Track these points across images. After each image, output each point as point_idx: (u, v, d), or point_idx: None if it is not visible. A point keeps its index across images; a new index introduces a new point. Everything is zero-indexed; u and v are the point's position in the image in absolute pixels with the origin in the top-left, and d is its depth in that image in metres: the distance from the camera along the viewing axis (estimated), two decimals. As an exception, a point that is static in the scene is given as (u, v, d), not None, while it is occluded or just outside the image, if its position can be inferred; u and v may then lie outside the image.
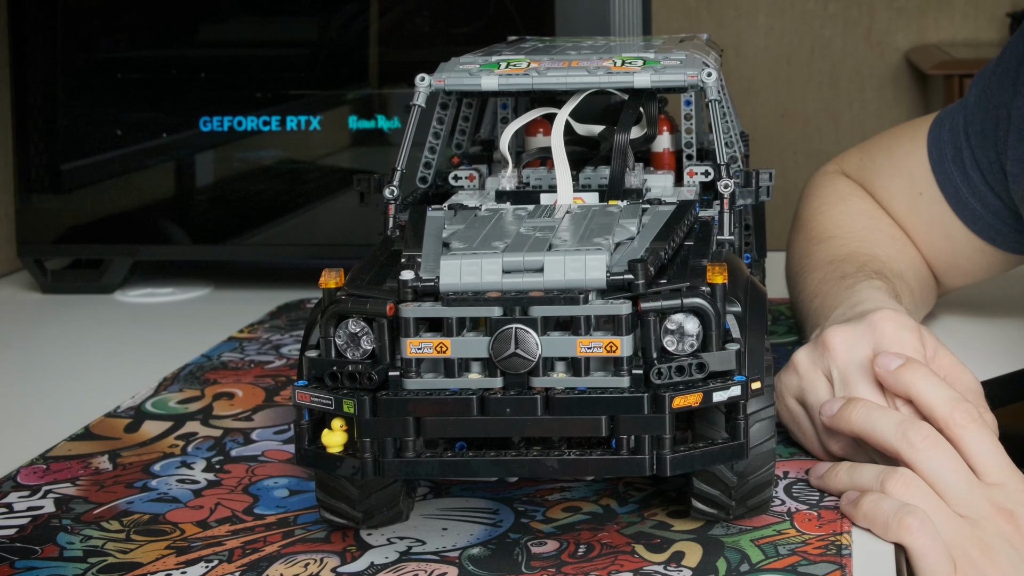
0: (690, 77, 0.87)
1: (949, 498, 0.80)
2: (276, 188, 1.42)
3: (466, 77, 0.89)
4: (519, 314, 0.72)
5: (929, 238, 1.16)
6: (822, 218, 1.16)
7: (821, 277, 1.06)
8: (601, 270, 0.73)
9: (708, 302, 0.73)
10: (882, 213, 1.18)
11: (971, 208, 1.13)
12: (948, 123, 1.15)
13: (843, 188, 1.20)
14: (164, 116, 1.41)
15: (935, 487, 0.81)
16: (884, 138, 1.22)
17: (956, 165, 1.13)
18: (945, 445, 0.82)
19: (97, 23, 1.41)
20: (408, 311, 0.73)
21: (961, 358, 0.90)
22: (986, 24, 3.23)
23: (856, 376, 0.87)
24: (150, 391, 1.10)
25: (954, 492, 0.81)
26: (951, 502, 0.80)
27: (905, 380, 0.84)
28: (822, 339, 0.88)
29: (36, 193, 1.43)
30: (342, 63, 1.41)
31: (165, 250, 1.44)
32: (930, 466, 0.81)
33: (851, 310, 0.96)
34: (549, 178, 0.92)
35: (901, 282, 1.06)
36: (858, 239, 1.12)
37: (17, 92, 1.42)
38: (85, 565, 0.79)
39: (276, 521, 0.84)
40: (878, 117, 3.26)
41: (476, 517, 0.84)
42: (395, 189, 0.89)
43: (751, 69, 3.28)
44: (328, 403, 0.75)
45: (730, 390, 0.73)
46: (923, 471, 0.81)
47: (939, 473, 0.81)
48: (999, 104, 1.10)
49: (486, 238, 0.78)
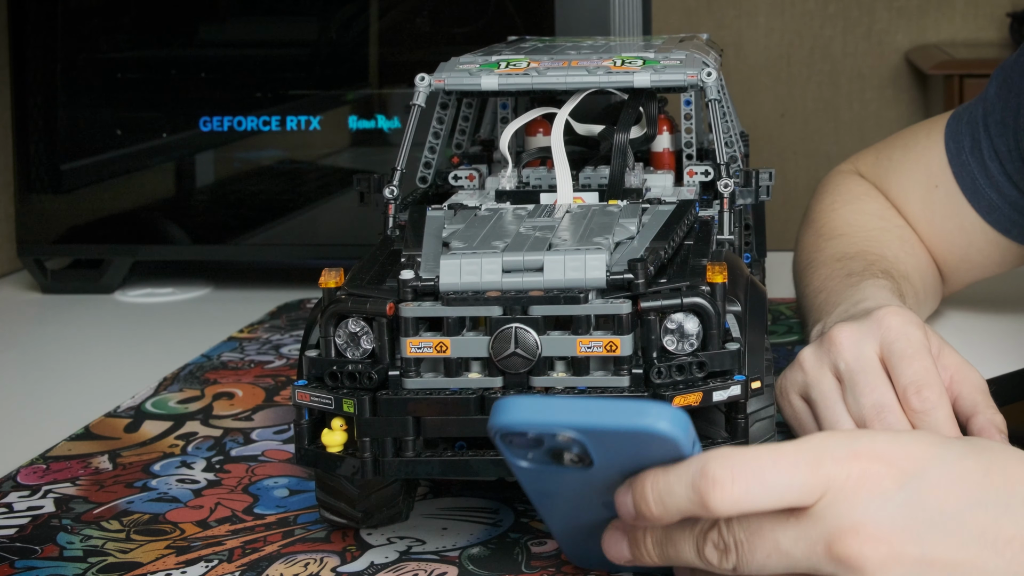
0: (690, 77, 0.87)
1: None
2: (276, 188, 1.42)
3: (466, 77, 0.89)
4: (519, 313, 0.72)
5: (943, 231, 1.16)
6: (833, 215, 1.17)
7: (827, 274, 1.06)
8: (601, 270, 0.73)
9: (708, 301, 0.73)
10: (894, 214, 1.18)
11: (988, 199, 1.14)
12: (966, 117, 1.16)
13: (856, 188, 1.21)
14: (164, 116, 1.41)
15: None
16: (901, 136, 1.23)
17: (974, 155, 1.14)
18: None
19: (97, 23, 1.41)
20: (408, 311, 0.73)
21: (966, 356, 0.89)
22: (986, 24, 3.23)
23: (864, 371, 0.86)
24: (150, 391, 1.10)
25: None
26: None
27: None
28: (828, 336, 0.88)
29: (36, 193, 1.43)
30: (342, 63, 1.41)
31: (165, 250, 1.44)
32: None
33: (854, 307, 0.96)
34: (549, 178, 0.92)
35: (906, 283, 1.06)
36: (867, 238, 1.12)
37: (17, 92, 1.42)
38: (85, 565, 0.79)
39: (276, 521, 0.84)
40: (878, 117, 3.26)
41: (476, 517, 0.84)
42: (395, 189, 0.89)
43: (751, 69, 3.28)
44: (328, 403, 0.75)
45: (730, 389, 0.73)
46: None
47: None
48: (1021, 92, 1.10)
49: (486, 237, 0.78)
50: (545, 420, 0.64)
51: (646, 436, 0.64)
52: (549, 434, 0.64)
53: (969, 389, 0.87)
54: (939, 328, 1.13)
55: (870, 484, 0.65)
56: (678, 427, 0.64)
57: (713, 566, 0.67)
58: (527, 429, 0.64)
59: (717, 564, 0.67)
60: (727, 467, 0.64)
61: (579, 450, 0.65)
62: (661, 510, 0.66)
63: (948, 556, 0.64)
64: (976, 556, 0.65)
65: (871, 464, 0.65)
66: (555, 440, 0.64)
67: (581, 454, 0.65)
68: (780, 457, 0.65)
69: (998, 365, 1.09)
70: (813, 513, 0.65)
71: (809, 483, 0.64)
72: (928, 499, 0.65)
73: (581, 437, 0.64)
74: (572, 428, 0.63)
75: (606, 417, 0.63)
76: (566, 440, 0.64)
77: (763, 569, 0.66)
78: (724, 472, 0.64)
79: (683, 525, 0.68)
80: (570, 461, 0.66)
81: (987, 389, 0.88)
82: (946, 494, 0.65)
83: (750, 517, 0.66)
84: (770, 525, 0.65)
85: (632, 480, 0.67)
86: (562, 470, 0.66)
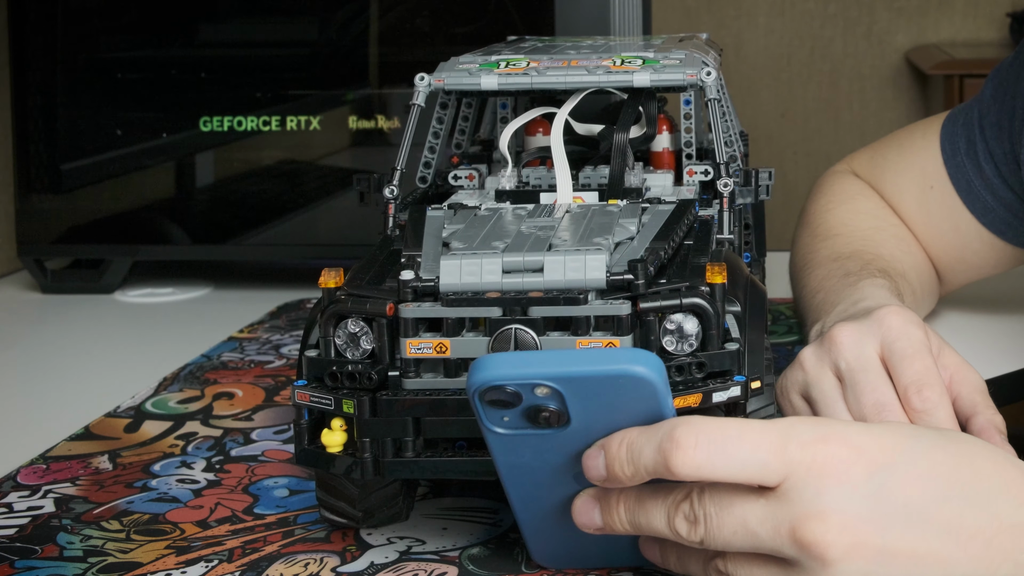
0: (689, 76, 0.87)
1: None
2: (276, 188, 1.42)
3: (465, 76, 0.89)
4: (519, 314, 0.72)
5: (938, 232, 1.16)
6: (828, 216, 1.17)
7: (824, 274, 1.06)
8: (601, 270, 0.73)
9: (707, 302, 0.73)
10: (889, 213, 1.18)
11: (983, 201, 1.14)
12: (962, 118, 1.16)
13: (851, 187, 1.20)
14: (164, 116, 1.41)
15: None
16: (896, 136, 1.23)
17: (969, 157, 1.14)
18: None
19: (97, 23, 1.41)
20: (408, 311, 0.73)
21: (966, 356, 0.89)
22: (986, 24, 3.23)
23: (865, 370, 0.86)
24: (150, 391, 1.10)
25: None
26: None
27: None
28: (829, 335, 0.88)
29: (36, 193, 1.43)
30: (342, 63, 1.41)
31: (165, 250, 1.44)
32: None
33: (853, 307, 0.96)
34: (549, 177, 0.92)
35: (903, 281, 1.06)
36: (863, 238, 1.13)
37: (17, 92, 1.42)
38: (85, 565, 0.79)
39: (276, 521, 0.84)
40: (878, 117, 3.26)
41: (476, 517, 0.84)
42: (395, 188, 0.89)
43: (751, 69, 3.28)
44: (328, 403, 0.75)
45: (730, 390, 0.73)
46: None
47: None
48: (1016, 95, 1.11)
49: (486, 238, 0.78)
50: (524, 372, 0.65)
51: (624, 380, 0.65)
52: (528, 388, 0.65)
53: (968, 389, 0.87)
54: (938, 328, 1.13)
55: (838, 471, 0.65)
56: (654, 370, 0.65)
57: (681, 537, 0.68)
58: (506, 382, 0.65)
59: (685, 535, 0.68)
60: (692, 432, 0.65)
61: (557, 405, 0.66)
62: (632, 470, 0.67)
63: (912, 548, 0.65)
64: (940, 549, 0.65)
65: (839, 448, 0.66)
66: (533, 396, 0.65)
67: (559, 409, 0.66)
68: (746, 432, 0.66)
69: (998, 365, 1.09)
70: (780, 494, 0.65)
71: (771, 463, 0.65)
72: (895, 491, 0.66)
73: (560, 387, 0.65)
74: (551, 378, 0.65)
75: (584, 364, 0.65)
76: (544, 394, 0.65)
77: (728, 545, 0.67)
78: (689, 437, 0.65)
79: (656, 493, 0.69)
80: (545, 420, 0.66)
81: (986, 389, 0.88)
82: (913, 487, 0.66)
83: (721, 492, 0.67)
84: (740, 501, 0.66)
85: (604, 440, 0.68)
86: (537, 434, 0.67)
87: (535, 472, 0.70)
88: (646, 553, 0.73)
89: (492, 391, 0.65)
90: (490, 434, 0.68)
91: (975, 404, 0.87)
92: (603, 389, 0.66)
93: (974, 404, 0.87)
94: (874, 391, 0.85)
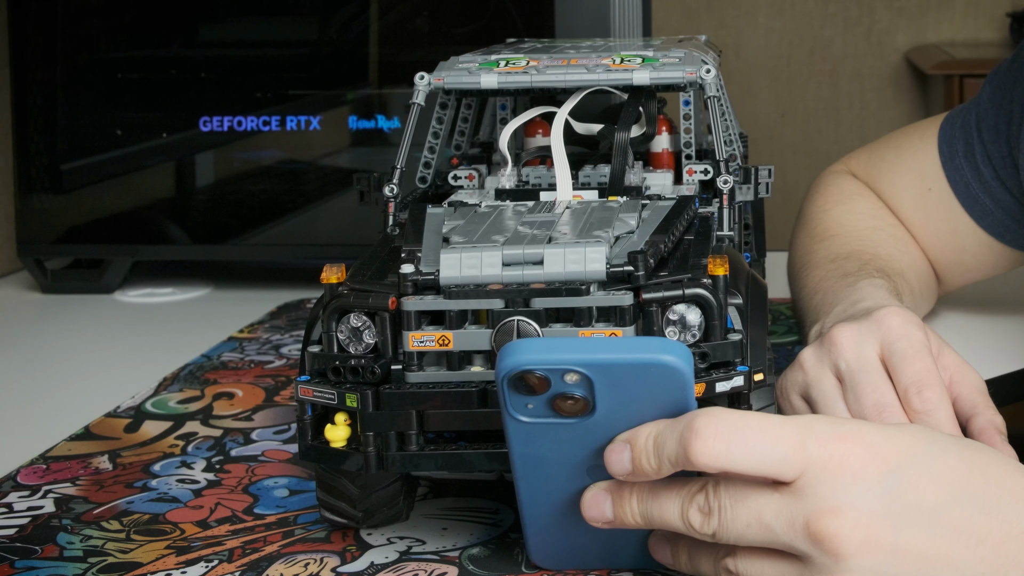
0: (689, 74, 0.87)
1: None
2: (276, 188, 1.42)
3: (465, 75, 0.89)
4: (521, 306, 0.72)
5: (936, 234, 1.16)
6: (826, 216, 1.17)
7: (822, 275, 1.06)
8: (601, 262, 0.73)
9: (710, 292, 0.73)
10: (886, 213, 1.18)
11: (981, 203, 1.14)
12: (960, 120, 1.16)
13: (849, 187, 1.20)
14: (164, 116, 1.41)
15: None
16: (894, 137, 1.23)
17: (967, 160, 1.14)
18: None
19: (97, 23, 1.41)
20: (410, 304, 0.73)
21: (966, 356, 0.89)
22: (986, 24, 3.23)
23: (865, 370, 0.86)
24: (150, 391, 1.10)
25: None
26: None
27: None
28: (829, 336, 0.88)
29: (36, 193, 1.43)
30: (342, 63, 1.41)
31: (165, 250, 1.44)
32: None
33: (852, 307, 0.95)
34: (548, 176, 0.92)
35: (902, 281, 1.06)
36: (861, 238, 1.12)
37: (17, 92, 1.42)
38: (85, 565, 0.79)
39: (276, 521, 0.84)
40: (878, 117, 3.26)
41: (476, 517, 0.84)
42: (395, 187, 0.89)
43: (751, 69, 3.28)
44: (331, 398, 0.75)
45: (733, 380, 0.73)
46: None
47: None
48: (1013, 98, 1.10)
49: (486, 232, 0.78)
50: (556, 358, 0.65)
51: (655, 368, 0.66)
52: (558, 374, 0.66)
53: (968, 390, 0.87)
54: (938, 328, 1.13)
55: (853, 468, 0.66)
56: (684, 360, 0.66)
57: (694, 529, 0.68)
58: (538, 367, 0.65)
59: (699, 527, 0.68)
60: (713, 423, 0.66)
61: (584, 392, 0.66)
62: (657, 462, 0.67)
63: (923, 548, 0.65)
64: (949, 551, 0.66)
65: (855, 447, 0.66)
66: (562, 382, 0.66)
67: (585, 397, 0.66)
68: (767, 426, 0.66)
69: (998, 365, 1.09)
70: (796, 489, 0.66)
71: (789, 457, 0.66)
72: (908, 491, 0.66)
73: (591, 373, 0.65)
74: (583, 364, 0.65)
75: (615, 352, 0.65)
76: (573, 381, 0.66)
77: (741, 538, 0.67)
78: (710, 427, 0.65)
79: (670, 485, 0.69)
80: (570, 408, 0.66)
81: (986, 390, 0.88)
82: (926, 488, 0.66)
83: (737, 485, 0.67)
84: (755, 494, 0.66)
85: (629, 433, 0.68)
86: (560, 423, 0.67)
87: (549, 464, 0.70)
88: (656, 553, 0.73)
89: (521, 376, 0.65)
90: (512, 421, 0.68)
91: (975, 404, 0.87)
92: (633, 378, 0.66)
93: (974, 404, 0.87)
94: (874, 392, 0.85)
